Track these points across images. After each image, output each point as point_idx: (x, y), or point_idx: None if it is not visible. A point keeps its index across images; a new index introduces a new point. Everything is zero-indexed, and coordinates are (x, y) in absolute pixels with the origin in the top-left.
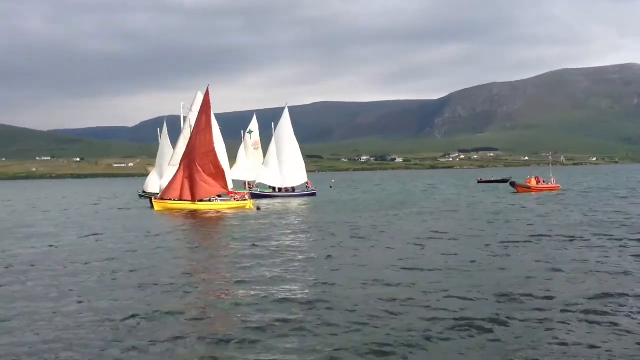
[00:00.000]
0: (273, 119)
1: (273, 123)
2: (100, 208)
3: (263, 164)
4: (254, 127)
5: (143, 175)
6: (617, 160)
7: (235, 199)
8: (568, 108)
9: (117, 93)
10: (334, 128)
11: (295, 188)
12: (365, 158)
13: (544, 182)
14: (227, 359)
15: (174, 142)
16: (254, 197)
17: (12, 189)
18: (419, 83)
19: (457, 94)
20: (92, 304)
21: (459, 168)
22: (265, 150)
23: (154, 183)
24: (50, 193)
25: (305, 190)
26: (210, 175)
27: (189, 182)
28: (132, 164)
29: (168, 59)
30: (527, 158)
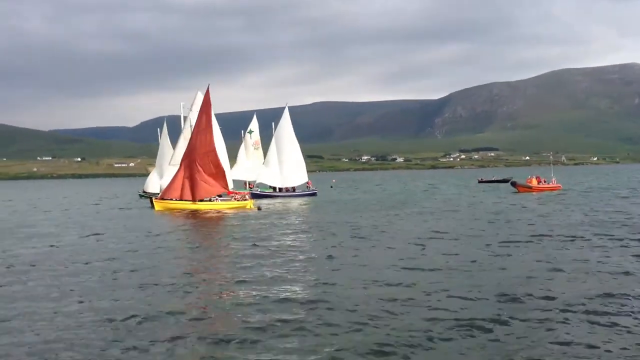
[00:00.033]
0: (273, 119)
1: (273, 123)
2: (101, 208)
3: (263, 164)
4: (254, 127)
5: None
6: (618, 160)
7: (236, 199)
8: (568, 108)
9: (117, 93)
10: (334, 128)
11: (296, 188)
12: (366, 158)
13: (545, 182)
14: (227, 359)
15: (174, 142)
16: (255, 197)
17: (13, 189)
18: (419, 83)
19: (457, 94)
20: (92, 304)
21: (460, 168)
22: (266, 150)
23: (154, 183)
24: (51, 193)
25: (306, 190)
26: (211, 175)
27: (190, 182)
28: (132, 164)
29: (168, 59)
30: (527, 158)
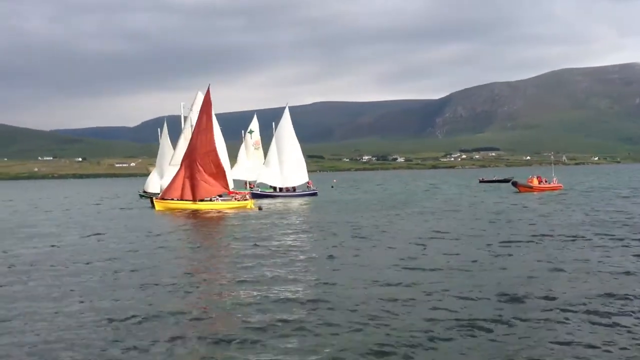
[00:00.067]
0: (274, 119)
1: (274, 123)
2: (102, 208)
3: (264, 164)
4: (255, 126)
5: (144, 175)
6: (619, 160)
7: (236, 199)
8: (569, 108)
9: (117, 93)
10: (335, 128)
11: (296, 188)
12: (367, 158)
13: (546, 181)
14: (228, 359)
15: (175, 142)
16: (255, 196)
17: (14, 189)
18: (420, 83)
19: (457, 94)
20: (93, 304)
21: (461, 168)
22: (266, 150)
23: (155, 183)
24: (52, 193)
25: (306, 190)
26: (211, 175)
27: (190, 181)
28: (133, 164)
29: (168, 59)
30: (528, 158)
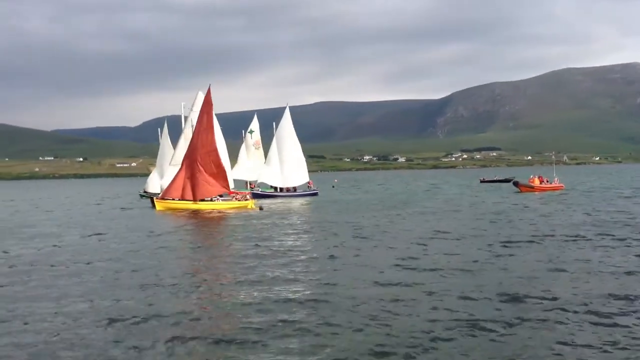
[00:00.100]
0: (274, 119)
1: (274, 123)
2: (103, 208)
3: (265, 164)
4: (255, 126)
5: (145, 175)
6: (620, 160)
7: (237, 199)
8: (570, 108)
9: (117, 93)
10: (336, 128)
11: (297, 188)
12: (368, 158)
13: (547, 181)
14: (228, 359)
15: (175, 142)
16: (256, 196)
17: (15, 189)
18: (421, 83)
19: (458, 94)
20: (94, 304)
21: (462, 168)
22: (266, 150)
23: (155, 183)
24: (53, 193)
25: (307, 190)
26: (212, 175)
27: (191, 181)
28: (134, 164)
29: (168, 59)
30: (529, 158)
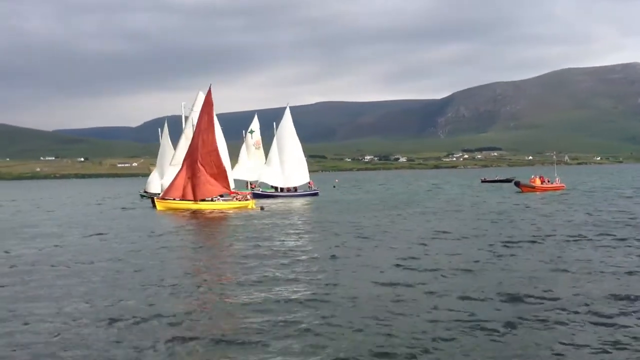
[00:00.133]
0: (275, 119)
1: (275, 123)
2: (104, 208)
3: (265, 164)
4: (255, 126)
5: (146, 175)
6: (621, 160)
7: (237, 199)
8: (571, 108)
9: (117, 93)
10: (336, 128)
11: (297, 188)
12: (369, 158)
13: (549, 181)
14: None
15: (176, 142)
16: (256, 197)
17: (16, 189)
18: (421, 83)
19: (460, 94)
20: (94, 304)
21: (463, 168)
22: (267, 150)
23: (155, 183)
24: (55, 193)
25: (308, 190)
26: (213, 175)
27: (191, 181)
28: (135, 164)
29: (168, 59)
30: (531, 157)
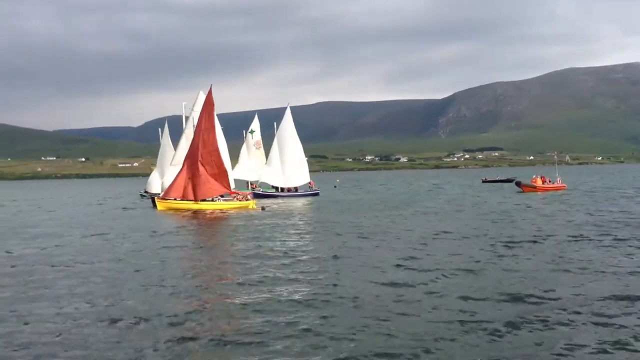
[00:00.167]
0: (275, 119)
1: (275, 123)
2: (105, 208)
3: (266, 164)
4: (256, 126)
5: (147, 175)
6: (622, 160)
7: (238, 199)
8: (573, 107)
9: (117, 93)
10: (337, 128)
11: (298, 188)
12: (370, 158)
13: (550, 181)
14: None
15: (177, 142)
16: (257, 196)
17: (17, 189)
18: (423, 83)
19: (461, 94)
20: (96, 304)
21: (464, 168)
22: (267, 150)
23: (156, 183)
24: (56, 193)
25: (308, 190)
26: (213, 175)
27: (192, 181)
28: (137, 164)
29: (168, 59)
30: (532, 157)
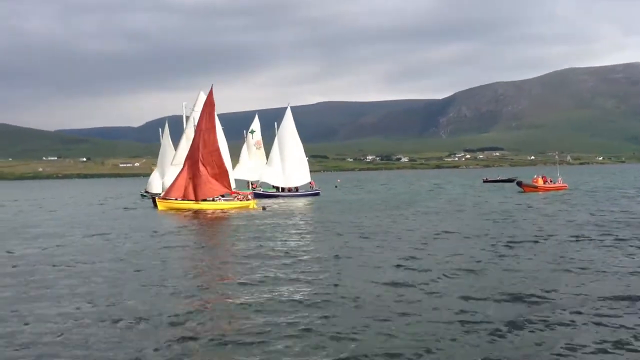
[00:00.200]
0: (276, 119)
1: (276, 123)
2: (106, 208)
3: (266, 164)
4: (256, 126)
5: (149, 175)
6: (623, 160)
7: (239, 199)
8: (573, 107)
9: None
10: (338, 128)
11: (299, 188)
12: (371, 158)
13: (551, 181)
14: None
15: (177, 142)
16: (257, 196)
17: (19, 189)
18: (423, 83)
19: (461, 94)
20: (97, 304)
21: (465, 168)
22: (268, 150)
23: (156, 183)
24: (57, 193)
25: (309, 190)
26: (214, 175)
27: (193, 181)
28: (137, 164)
29: (168, 59)
30: (533, 157)
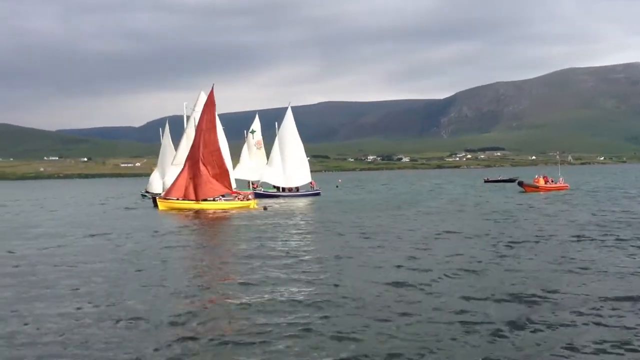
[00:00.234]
0: (276, 119)
1: (276, 123)
2: (107, 208)
3: (267, 164)
4: (256, 126)
5: (149, 175)
6: (624, 160)
7: (239, 199)
8: (574, 107)
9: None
10: (338, 128)
11: (300, 188)
12: (372, 158)
13: (552, 181)
14: None
15: (178, 141)
16: (258, 196)
17: (20, 189)
18: (424, 82)
19: (462, 94)
20: (97, 304)
21: (466, 168)
22: (268, 150)
23: (157, 183)
24: (58, 193)
25: (310, 190)
26: (215, 175)
27: (193, 181)
28: (139, 164)
29: (168, 59)
30: (534, 157)
